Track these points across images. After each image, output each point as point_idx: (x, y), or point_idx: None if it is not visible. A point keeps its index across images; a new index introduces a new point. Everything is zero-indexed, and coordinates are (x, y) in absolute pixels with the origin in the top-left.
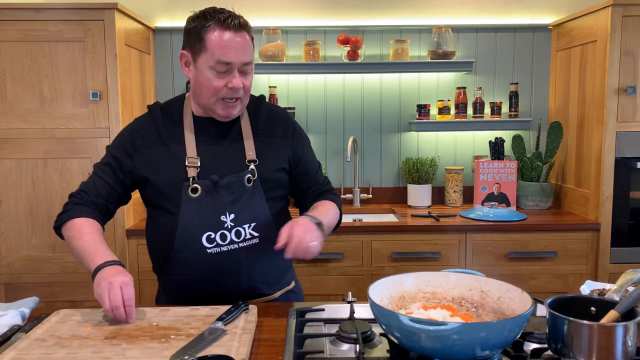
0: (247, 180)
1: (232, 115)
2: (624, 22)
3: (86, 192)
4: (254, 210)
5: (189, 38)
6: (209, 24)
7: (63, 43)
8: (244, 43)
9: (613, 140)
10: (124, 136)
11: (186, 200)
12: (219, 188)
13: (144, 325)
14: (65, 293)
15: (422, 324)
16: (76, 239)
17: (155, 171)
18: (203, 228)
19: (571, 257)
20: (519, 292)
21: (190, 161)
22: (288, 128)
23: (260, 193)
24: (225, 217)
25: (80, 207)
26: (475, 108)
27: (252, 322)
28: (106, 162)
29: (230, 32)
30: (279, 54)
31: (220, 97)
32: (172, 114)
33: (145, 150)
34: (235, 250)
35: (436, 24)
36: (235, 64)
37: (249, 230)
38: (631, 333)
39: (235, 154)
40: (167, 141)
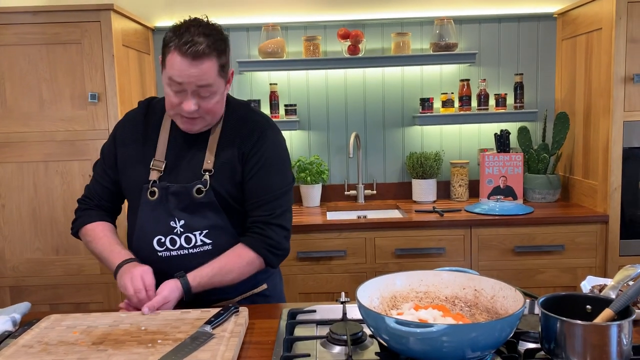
0: (196, 191)
1: (192, 130)
2: (629, 8)
3: (89, 197)
4: (205, 219)
5: (163, 48)
6: (172, 42)
7: (60, 45)
8: (200, 71)
9: (620, 129)
10: (115, 130)
11: (144, 202)
12: (169, 195)
13: (132, 330)
14: (70, 295)
15: (409, 327)
16: (93, 243)
17: (124, 172)
18: (155, 232)
19: (579, 250)
20: (512, 290)
21: (155, 164)
22: (252, 140)
23: (213, 202)
24: (174, 223)
25: (88, 213)
26: (480, 100)
27: (242, 325)
28: (99, 162)
29: (187, 59)
30: (279, 51)
31: (177, 112)
32: (156, 112)
33: (123, 147)
34: (185, 255)
35: (438, 15)
36: (186, 85)
37: (200, 237)
38: (626, 332)
39: (195, 162)
40: (143, 140)
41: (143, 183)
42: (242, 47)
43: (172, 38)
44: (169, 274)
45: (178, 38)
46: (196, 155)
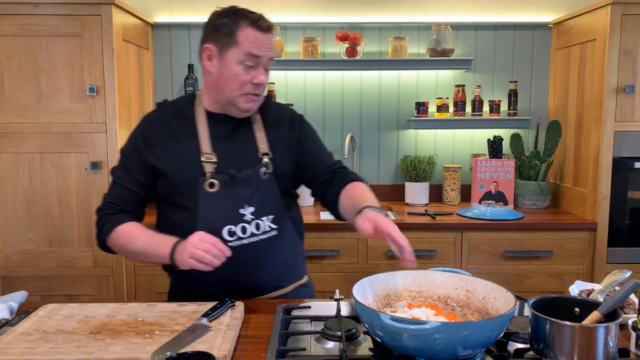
0: (262, 173)
1: (252, 109)
2: (623, 20)
3: (113, 202)
4: (271, 203)
5: (216, 33)
6: (241, 21)
7: (60, 38)
8: (270, 42)
9: (611, 139)
10: (136, 135)
11: (204, 195)
12: (237, 182)
13: (129, 321)
14: (62, 287)
15: (403, 323)
16: (131, 243)
17: (170, 166)
18: (224, 222)
19: (567, 256)
20: (504, 291)
21: (206, 157)
22: (294, 121)
23: (275, 186)
24: (244, 210)
25: (115, 217)
26: (474, 106)
27: (238, 319)
28: (122, 167)
29: (262, 31)
30: (277, 50)
31: (245, 91)
32: (184, 110)
33: (158, 147)
34: (256, 242)
35: (435, 21)
36: (263, 59)
37: (268, 222)
38: (613, 334)
39: (248, 148)
40: (180, 137)
41: (198, 176)
42: None
43: (239, 18)
44: (238, 262)
45: (247, 17)
46: (246, 143)
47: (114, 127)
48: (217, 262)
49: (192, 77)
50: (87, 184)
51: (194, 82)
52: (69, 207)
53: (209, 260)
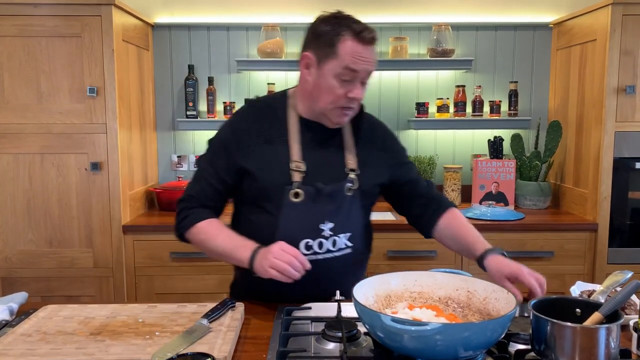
0: (347, 189)
1: (344, 122)
2: (623, 21)
3: (195, 196)
4: (350, 221)
5: (317, 41)
6: (343, 32)
7: (60, 38)
8: (372, 56)
9: (612, 140)
10: (226, 132)
11: (288, 204)
12: (322, 195)
13: (130, 322)
14: (62, 288)
15: (404, 325)
16: (211, 241)
17: (259, 170)
18: (303, 234)
19: (568, 257)
20: (504, 292)
21: (295, 165)
22: (386, 140)
23: (357, 203)
24: (324, 226)
25: (196, 211)
26: (475, 106)
27: (238, 320)
28: (208, 161)
29: (364, 44)
30: (278, 51)
31: (338, 105)
32: (277, 112)
33: (250, 148)
34: (330, 259)
35: (436, 21)
36: (361, 73)
37: (345, 240)
38: (614, 335)
39: (336, 162)
40: (272, 140)
41: (286, 184)
42: (241, 46)
43: (342, 28)
44: (313, 277)
45: (350, 28)
46: (335, 155)
47: (114, 128)
48: (298, 275)
49: (192, 78)
50: (87, 184)
51: (194, 83)
52: (69, 208)
53: (291, 274)
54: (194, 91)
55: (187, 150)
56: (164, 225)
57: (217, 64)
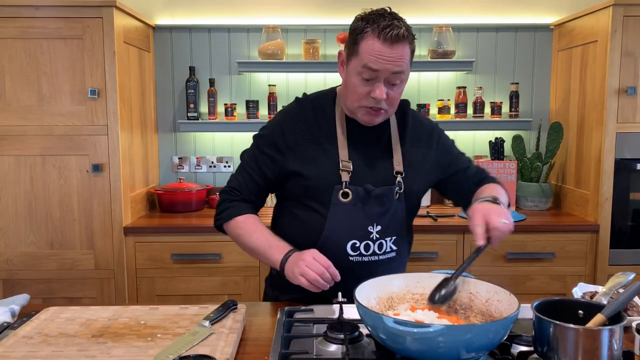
0: (395, 193)
1: (373, 122)
2: (624, 22)
3: (237, 189)
4: (396, 224)
5: (348, 39)
6: (367, 29)
7: (62, 40)
8: (397, 55)
9: (613, 141)
10: (274, 130)
11: (337, 204)
12: (371, 198)
13: (131, 324)
14: (63, 290)
15: (407, 326)
16: (246, 237)
17: (308, 168)
18: (350, 235)
19: (569, 258)
20: (507, 294)
21: (344, 165)
22: (433, 137)
23: (403, 207)
24: (372, 228)
25: (237, 205)
26: (476, 108)
27: (240, 322)
28: (254, 156)
29: (386, 43)
30: (279, 53)
31: (363, 104)
32: (325, 110)
33: (298, 147)
34: (375, 262)
35: (437, 23)
36: (382, 73)
37: (390, 243)
38: (617, 337)
39: (384, 163)
40: (320, 139)
41: (334, 183)
42: (242, 48)
43: (366, 25)
44: (356, 278)
45: (375, 24)
46: (382, 156)
47: (115, 130)
48: (327, 287)
49: (193, 80)
50: (89, 186)
51: (195, 85)
52: (70, 210)
53: (320, 284)
54: (194, 93)
55: (188, 151)
56: (165, 226)
57: (218, 65)
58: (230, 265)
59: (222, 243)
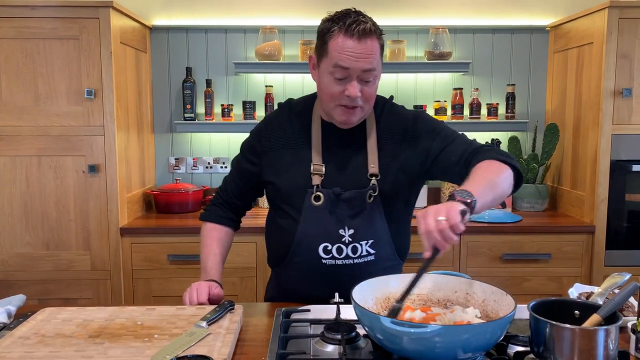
0: (368, 197)
1: (350, 122)
2: (620, 24)
3: (223, 191)
4: (372, 227)
5: (317, 41)
6: (333, 28)
7: (58, 40)
8: (367, 50)
9: (609, 142)
10: (254, 136)
11: (308, 207)
12: (341, 201)
13: (128, 325)
14: (59, 291)
15: (404, 327)
16: (201, 245)
17: (279, 175)
18: (321, 238)
19: (565, 259)
20: (503, 294)
21: (315, 168)
22: (407, 129)
23: (380, 209)
24: (343, 232)
25: (215, 210)
26: (472, 109)
27: (237, 322)
28: (236, 162)
29: (353, 38)
30: (276, 54)
31: (338, 103)
32: (301, 114)
33: (273, 152)
34: (350, 265)
35: (433, 24)
36: (353, 70)
37: (366, 247)
38: (613, 337)
39: (358, 166)
40: (294, 144)
41: (306, 187)
42: (238, 49)
43: (332, 25)
44: (333, 281)
45: (341, 22)
46: (356, 158)
47: (111, 130)
48: None
49: (190, 80)
50: (85, 187)
51: (191, 86)
52: (67, 211)
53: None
54: (191, 93)
55: (184, 152)
56: (161, 227)
57: (215, 66)
58: (226, 266)
59: None
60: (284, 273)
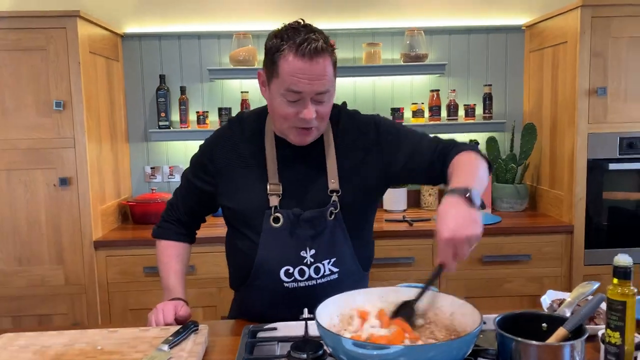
0: (329, 214)
1: (305, 142)
2: (593, 23)
3: (174, 208)
4: (334, 245)
5: (265, 58)
6: (283, 47)
7: (24, 52)
8: (320, 72)
9: (585, 141)
10: (206, 153)
11: (268, 229)
12: (301, 221)
13: (87, 350)
14: (33, 307)
15: (366, 349)
16: (159, 263)
17: (235, 197)
18: (282, 262)
19: (545, 259)
20: (471, 307)
21: (272, 188)
22: (370, 132)
23: (342, 226)
24: (305, 253)
25: (167, 227)
26: (449, 110)
27: (201, 344)
28: (186, 179)
29: (304, 59)
30: (250, 59)
31: (292, 125)
32: (254, 130)
33: (226, 173)
34: (313, 286)
35: (408, 26)
36: (306, 94)
37: (329, 266)
38: (578, 350)
39: (317, 182)
40: (248, 162)
41: (264, 209)
42: (213, 55)
43: (283, 42)
44: (296, 304)
45: (291, 40)
46: (315, 174)
47: (82, 142)
48: None
49: (163, 88)
50: (57, 200)
51: (165, 93)
52: (38, 225)
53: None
54: (165, 101)
55: (160, 161)
56: (136, 239)
57: (189, 73)
58: (204, 277)
59: (196, 254)
60: (246, 296)
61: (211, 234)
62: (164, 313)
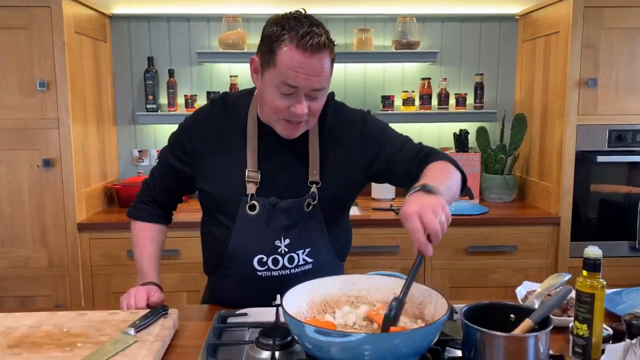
0: (306, 205)
1: (292, 136)
2: (585, 13)
3: (150, 187)
4: (309, 236)
5: (262, 44)
6: (284, 37)
7: (7, 30)
8: (319, 68)
9: (574, 133)
10: (185, 133)
11: (243, 216)
12: (277, 211)
13: (53, 332)
14: (15, 288)
15: (329, 336)
16: (134, 245)
17: (212, 181)
18: (256, 251)
19: (531, 251)
20: (439, 297)
21: (250, 175)
22: (355, 129)
23: (318, 217)
24: (279, 242)
25: (143, 208)
26: (440, 99)
27: (169, 329)
28: (166, 159)
29: (306, 53)
30: (240, 43)
31: (282, 117)
32: (238, 114)
33: (204, 155)
34: (286, 276)
35: (401, 13)
36: (302, 89)
37: (303, 256)
38: (543, 342)
39: (297, 172)
40: (228, 147)
41: (241, 195)
42: (202, 38)
43: (284, 31)
44: (269, 293)
45: (293, 31)
46: (296, 164)
47: (66, 123)
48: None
49: (152, 71)
50: (40, 181)
51: (153, 76)
52: (21, 206)
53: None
54: (153, 84)
55: (148, 144)
56: (120, 222)
57: (177, 56)
58: (188, 261)
59: (180, 239)
60: (219, 283)
61: (196, 218)
62: (135, 297)
